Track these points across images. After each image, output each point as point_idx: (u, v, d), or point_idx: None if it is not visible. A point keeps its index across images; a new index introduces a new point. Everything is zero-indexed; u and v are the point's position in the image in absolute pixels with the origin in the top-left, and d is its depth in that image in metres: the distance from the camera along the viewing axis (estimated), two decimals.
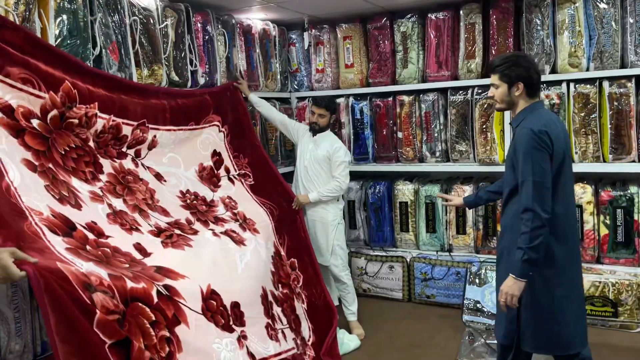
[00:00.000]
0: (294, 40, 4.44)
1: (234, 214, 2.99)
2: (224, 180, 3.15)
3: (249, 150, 3.33)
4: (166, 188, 2.75)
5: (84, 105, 2.39)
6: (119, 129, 2.61)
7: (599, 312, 3.45)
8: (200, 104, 3.12)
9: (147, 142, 2.76)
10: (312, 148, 3.62)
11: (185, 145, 3.00)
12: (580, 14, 3.48)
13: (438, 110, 3.98)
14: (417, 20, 3.98)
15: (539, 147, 2.17)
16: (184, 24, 3.30)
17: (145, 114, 2.75)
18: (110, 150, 2.58)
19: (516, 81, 2.32)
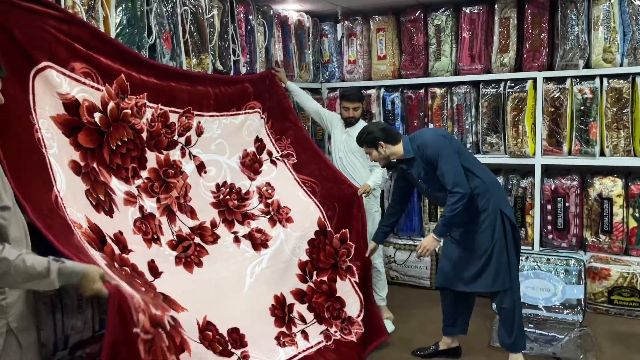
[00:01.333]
0: (326, 32, 4.50)
1: (267, 204, 3.07)
2: (266, 164, 3.23)
3: (291, 131, 3.39)
4: (203, 182, 2.85)
5: (134, 96, 2.51)
6: (166, 117, 2.71)
7: (627, 302, 3.54)
8: (241, 91, 3.19)
9: (193, 128, 2.85)
10: (346, 139, 3.68)
11: (232, 131, 3.08)
12: (616, 10, 3.53)
13: (470, 103, 4.05)
14: (451, 13, 4.03)
15: (443, 141, 2.80)
16: (228, 14, 3.37)
17: (191, 101, 2.84)
18: (162, 140, 2.68)
19: (377, 143, 2.91)
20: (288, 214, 3.09)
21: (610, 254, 3.71)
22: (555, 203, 3.82)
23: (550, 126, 3.76)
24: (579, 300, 3.48)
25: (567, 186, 3.79)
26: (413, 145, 2.86)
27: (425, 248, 2.85)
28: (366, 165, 3.64)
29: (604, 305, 3.60)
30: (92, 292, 1.66)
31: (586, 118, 3.66)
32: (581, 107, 3.66)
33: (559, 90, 3.71)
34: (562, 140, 3.74)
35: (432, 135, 2.86)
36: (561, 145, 3.74)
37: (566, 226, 3.81)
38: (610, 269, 3.57)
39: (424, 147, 2.81)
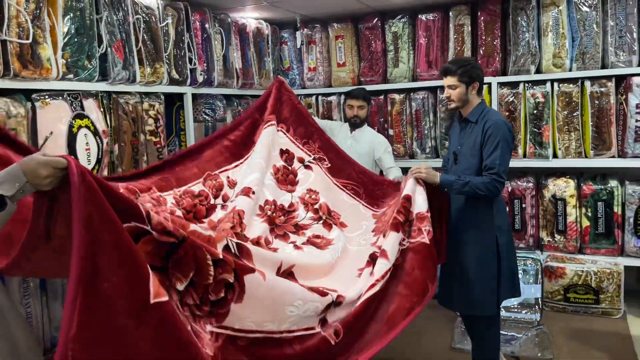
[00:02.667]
0: (286, 39, 4.52)
1: (316, 211, 2.82)
2: (300, 171, 2.99)
3: (316, 135, 3.16)
4: (253, 202, 2.61)
5: (145, 193, 2.32)
6: (190, 192, 2.49)
7: (582, 300, 3.64)
8: (252, 126, 2.96)
9: (225, 185, 2.65)
10: (352, 144, 3.65)
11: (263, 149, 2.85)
12: (564, 17, 3.65)
13: (428, 108, 4.12)
14: (407, 20, 4.10)
15: (511, 141, 2.61)
16: (183, 22, 3.34)
17: (203, 168, 2.63)
18: (199, 208, 2.47)
19: (474, 81, 2.65)
20: (340, 219, 2.87)
21: (565, 253, 3.81)
22: (512, 204, 3.91)
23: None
24: (536, 300, 3.57)
25: (523, 188, 3.89)
26: (480, 114, 2.66)
27: (423, 173, 2.60)
28: (374, 170, 3.65)
29: (560, 303, 3.70)
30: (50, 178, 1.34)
31: (539, 121, 3.76)
32: (534, 110, 3.76)
33: (512, 95, 3.81)
34: (517, 143, 3.83)
35: (504, 121, 2.63)
36: (516, 148, 3.83)
37: (523, 227, 3.90)
38: (566, 268, 3.67)
39: (490, 122, 2.59)
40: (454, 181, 2.59)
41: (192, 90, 3.47)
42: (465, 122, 2.72)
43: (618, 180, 3.70)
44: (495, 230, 2.64)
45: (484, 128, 2.59)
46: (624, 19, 3.50)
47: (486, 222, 2.64)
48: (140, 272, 1.42)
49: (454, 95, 2.68)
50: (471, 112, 2.68)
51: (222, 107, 3.70)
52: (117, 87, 2.87)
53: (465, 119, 2.72)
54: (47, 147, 2.45)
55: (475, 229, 2.67)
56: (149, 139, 3.07)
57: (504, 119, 2.65)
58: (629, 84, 3.49)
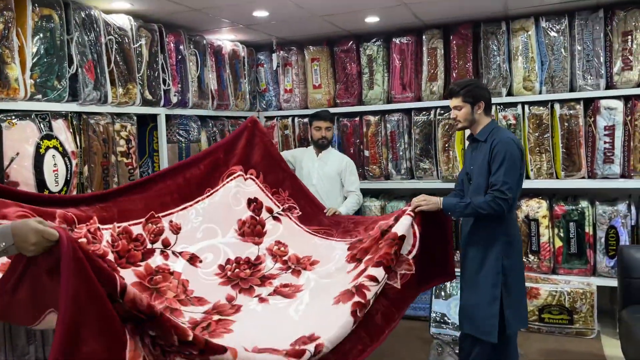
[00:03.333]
0: (262, 61, 4.54)
1: (284, 262, 2.76)
2: (269, 222, 2.93)
3: (288, 182, 3.11)
4: (201, 270, 2.57)
5: (83, 224, 2.26)
6: (128, 232, 2.44)
7: (556, 320, 3.66)
8: (213, 165, 2.89)
9: (166, 229, 2.58)
10: (319, 166, 3.67)
11: (215, 211, 2.80)
12: (533, 42, 3.75)
13: (403, 129, 4.16)
14: (382, 44, 4.16)
15: (520, 158, 2.56)
16: (157, 43, 3.34)
17: (149, 206, 2.56)
18: (134, 254, 2.41)
19: (478, 101, 2.64)
20: (311, 259, 2.77)
21: (539, 274, 3.84)
22: None
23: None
24: None
25: None
26: (489, 132, 2.64)
27: (423, 205, 2.60)
28: (341, 191, 3.66)
29: (535, 324, 3.70)
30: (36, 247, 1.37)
31: None
32: None
33: None
34: None
35: (512, 139, 2.60)
36: None
37: None
38: (540, 288, 3.69)
39: (497, 140, 2.57)
40: (456, 204, 2.60)
41: (166, 111, 3.45)
42: (476, 142, 2.72)
43: (589, 200, 3.76)
44: (501, 252, 2.58)
45: (491, 146, 2.59)
46: (590, 44, 3.61)
47: (492, 243, 2.60)
48: (119, 340, 1.48)
49: (460, 115, 2.69)
50: (480, 132, 2.69)
51: (197, 128, 3.68)
52: (88, 108, 2.84)
53: (475, 139, 2.72)
54: (12, 167, 2.40)
55: (479, 247, 2.65)
56: (120, 160, 3.04)
57: (513, 136, 2.64)
58: (597, 106, 3.58)
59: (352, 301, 2.27)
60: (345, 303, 2.28)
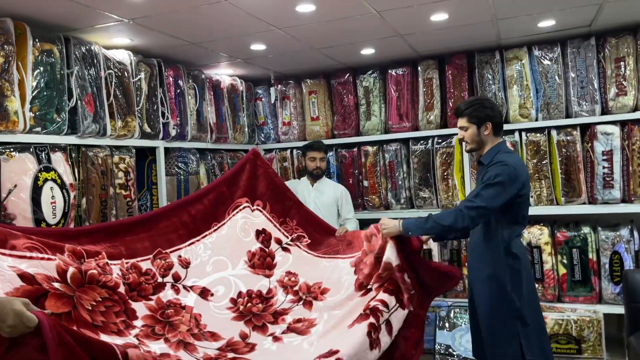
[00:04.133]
0: (260, 95, 4.60)
1: (295, 292, 2.73)
2: (278, 254, 2.90)
3: (294, 210, 3.08)
4: (213, 304, 2.56)
5: (92, 259, 2.27)
6: (137, 267, 2.44)
7: (564, 350, 3.57)
8: (217, 200, 2.87)
9: (175, 264, 2.58)
10: (316, 196, 3.70)
11: (224, 244, 2.79)
12: (527, 70, 3.80)
13: (401, 159, 4.17)
14: (378, 75, 4.22)
15: (513, 180, 2.39)
16: (156, 77, 3.39)
17: (156, 243, 2.56)
18: (144, 287, 2.40)
19: (484, 121, 2.53)
20: (321, 287, 2.73)
21: (544, 302, 3.76)
22: None
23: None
24: None
25: None
26: (494, 155, 2.51)
27: (382, 225, 2.47)
28: (336, 220, 3.65)
29: None
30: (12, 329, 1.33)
31: None
32: None
33: None
34: None
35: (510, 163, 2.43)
36: None
37: None
38: (546, 317, 3.61)
39: (495, 161, 2.46)
40: (415, 221, 2.42)
41: (165, 144, 3.47)
42: (481, 165, 2.59)
43: (590, 226, 3.73)
44: (511, 284, 2.43)
45: (487, 168, 2.47)
46: (584, 71, 3.66)
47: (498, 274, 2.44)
48: None
49: (467, 136, 2.57)
50: (485, 154, 2.56)
51: (196, 160, 3.69)
52: (87, 140, 2.85)
53: (480, 162, 2.60)
54: (10, 199, 2.39)
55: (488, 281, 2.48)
56: (118, 192, 3.03)
57: (515, 160, 2.46)
58: (594, 132, 3.60)
59: (367, 322, 2.31)
60: (360, 323, 2.33)
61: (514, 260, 2.47)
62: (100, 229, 2.44)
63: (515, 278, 2.46)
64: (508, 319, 2.43)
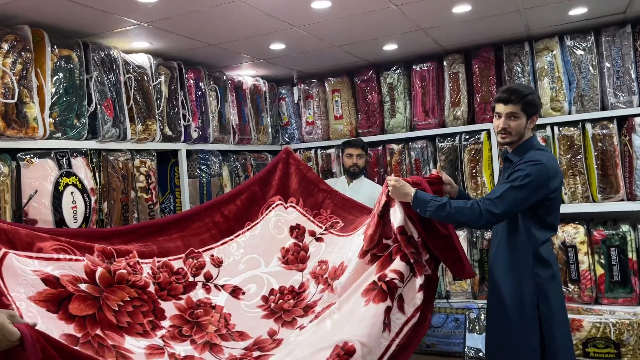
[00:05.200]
0: (283, 95, 4.56)
1: (325, 281, 2.66)
2: (312, 245, 2.86)
3: (328, 200, 3.01)
4: (244, 302, 2.55)
5: (122, 258, 2.28)
6: (169, 266, 2.45)
7: (602, 354, 3.39)
8: (250, 200, 2.87)
9: (208, 264, 2.57)
10: (351, 195, 3.53)
11: (257, 242, 2.77)
12: (559, 61, 3.63)
13: (427, 157, 4.05)
14: (402, 71, 4.12)
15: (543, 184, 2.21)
16: (177, 80, 3.39)
17: (188, 243, 2.57)
18: (175, 286, 2.40)
19: (535, 114, 2.35)
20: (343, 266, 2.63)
21: (581, 304, 3.59)
22: None
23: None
24: None
25: None
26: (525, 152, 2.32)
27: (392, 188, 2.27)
28: None
29: (579, 358, 3.44)
30: None
31: None
32: None
33: None
34: None
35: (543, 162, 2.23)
36: None
37: None
38: (583, 320, 3.44)
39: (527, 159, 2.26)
40: (430, 200, 2.19)
41: (187, 146, 3.47)
42: (508, 161, 2.39)
43: (630, 224, 3.53)
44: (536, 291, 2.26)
45: (517, 165, 2.25)
46: (620, 60, 3.46)
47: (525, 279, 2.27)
48: None
49: (514, 126, 2.28)
50: (515, 150, 2.35)
51: (218, 162, 3.68)
52: (107, 145, 2.87)
53: (508, 158, 2.39)
54: (31, 205, 2.42)
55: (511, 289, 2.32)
56: (140, 195, 3.04)
57: (550, 158, 2.27)
58: (632, 124, 3.40)
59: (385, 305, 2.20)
60: (377, 304, 2.21)
61: (544, 268, 2.30)
62: (133, 229, 2.47)
63: (543, 288, 2.29)
64: (531, 330, 2.27)
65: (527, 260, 2.30)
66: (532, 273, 2.29)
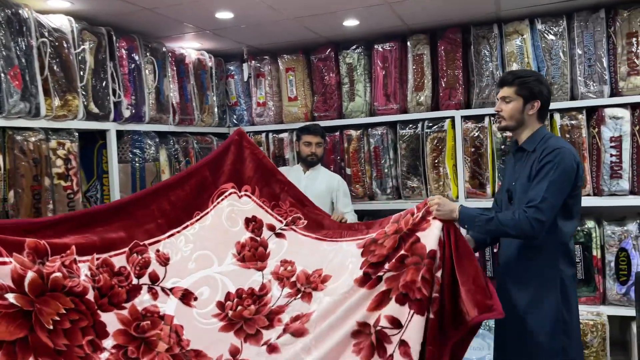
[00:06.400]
0: (232, 72, 4.15)
1: (293, 284, 2.38)
2: (271, 241, 2.55)
3: (286, 192, 2.72)
4: (197, 311, 2.23)
5: (57, 256, 1.94)
6: (110, 264, 2.10)
7: None
8: (199, 186, 2.54)
9: (153, 260, 2.24)
10: (307, 184, 3.31)
11: (208, 235, 2.44)
12: (528, 46, 3.40)
13: (387, 145, 3.77)
14: (362, 51, 3.79)
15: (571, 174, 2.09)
16: (105, 49, 2.92)
17: (133, 234, 2.24)
18: (118, 292, 2.06)
19: (534, 98, 2.19)
20: (322, 274, 2.37)
21: None
22: (483, 251, 3.53)
23: (472, 167, 3.52)
24: None
25: None
26: (540, 140, 2.18)
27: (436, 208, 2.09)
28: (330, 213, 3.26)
29: None
30: None
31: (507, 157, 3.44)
32: (501, 146, 3.45)
33: (477, 129, 3.49)
34: (485, 181, 3.49)
35: (568, 148, 2.13)
36: (484, 187, 3.50)
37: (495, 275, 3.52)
38: None
39: (550, 149, 2.11)
40: (477, 216, 2.10)
41: (117, 126, 3.02)
42: (522, 152, 2.25)
43: (595, 220, 3.38)
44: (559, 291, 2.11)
45: (541, 155, 2.12)
46: (592, 47, 3.27)
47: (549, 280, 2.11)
48: None
49: (506, 110, 2.21)
50: (528, 140, 2.22)
51: (154, 145, 3.25)
52: (14, 122, 2.39)
53: (521, 148, 2.25)
54: None
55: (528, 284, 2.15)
56: (56, 183, 2.58)
57: (570, 147, 2.16)
58: (601, 116, 3.23)
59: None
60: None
61: (569, 266, 2.14)
62: (68, 218, 2.11)
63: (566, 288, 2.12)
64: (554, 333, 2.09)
65: (552, 257, 2.11)
66: (557, 272, 2.11)
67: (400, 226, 2.21)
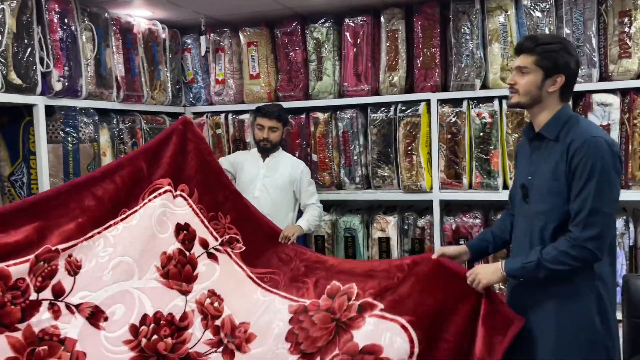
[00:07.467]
0: (189, 46, 3.77)
1: (216, 330, 2.14)
2: (202, 261, 2.27)
3: (230, 202, 2.44)
4: (106, 334, 1.95)
5: None
6: (6, 276, 1.78)
7: None
8: (132, 179, 2.24)
9: (61, 269, 1.93)
10: (265, 173, 3.01)
11: (135, 237, 2.14)
12: (512, 23, 3.11)
13: (357, 129, 3.45)
14: (332, 25, 3.45)
15: (618, 168, 1.74)
16: (31, 11, 2.54)
17: (44, 235, 1.93)
18: (9, 310, 1.75)
19: (558, 72, 1.78)
20: (247, 331, 2.17)
21: None
22: (458, 244, 3.26)
23: (448, 155, 3.23)
24: None
25: (469, 225, 3.26)
26: (563, 126, 1.79)
27: (479, 278, 1.88)
28: (292, 205, 2.94)
29: None
30: None
31: (486, 146, 3.16)
32: (480, 133, 3.17)
33: (455, 114, 3.20)
34: (461, 171, 3.21)
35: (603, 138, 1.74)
36: (461, 178, 3.22)
37: None
38: None
39: (580, 140, 1.72)
40: (523, 267, 1.78)
41: (46, 101, 2.64)
42: (539, 139, 1.86)
43: None
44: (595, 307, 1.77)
45: (569, 149, 1.73)
46: (581, 26, 2.99)
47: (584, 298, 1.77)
48: None
49: (522, 84, 1.80)
50: (547, 124, 1.82)
51: (92, 124, 2.87)
52: None
53: (539, 135, 1.86)
54: None
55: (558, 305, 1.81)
56: None
57: (601, 133, 1.78)
58: (589, 102, 2.96)
59: None
60: None
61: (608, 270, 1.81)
62: None
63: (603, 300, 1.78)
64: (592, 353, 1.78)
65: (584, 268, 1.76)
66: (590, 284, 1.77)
67: (333, 307, 2.07)
